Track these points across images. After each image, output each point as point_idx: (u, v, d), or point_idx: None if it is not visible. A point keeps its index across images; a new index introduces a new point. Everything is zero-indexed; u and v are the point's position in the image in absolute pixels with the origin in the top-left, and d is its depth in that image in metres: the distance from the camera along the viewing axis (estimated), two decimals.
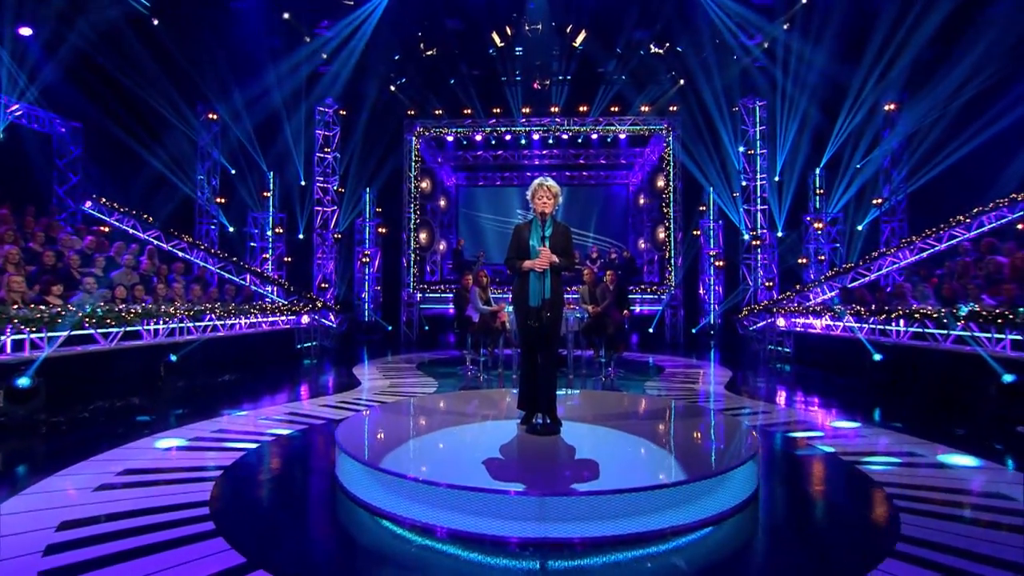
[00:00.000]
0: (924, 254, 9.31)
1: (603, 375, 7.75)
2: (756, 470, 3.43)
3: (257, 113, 12.19)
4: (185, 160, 11.52)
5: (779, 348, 9.77)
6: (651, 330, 12.95)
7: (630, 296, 9.98)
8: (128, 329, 6.23)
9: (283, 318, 9.75)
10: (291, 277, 12.67)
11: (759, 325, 10.67)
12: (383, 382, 7.63)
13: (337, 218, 13.20)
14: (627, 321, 8.67)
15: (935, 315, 6.33)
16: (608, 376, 7.72)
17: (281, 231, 12.67)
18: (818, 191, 12.06)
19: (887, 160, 11.27)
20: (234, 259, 10.68)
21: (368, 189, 13.80)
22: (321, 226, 12.97)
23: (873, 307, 7.33)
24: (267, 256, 12.58)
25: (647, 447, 3.79)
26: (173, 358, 6.63)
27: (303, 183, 13.19)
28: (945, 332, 6.30)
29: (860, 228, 11.94)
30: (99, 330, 5.94)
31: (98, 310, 5.87)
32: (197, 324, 7.36)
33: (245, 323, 8.46)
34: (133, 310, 6.30)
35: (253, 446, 4.46)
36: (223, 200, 12.18)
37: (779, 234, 12.52)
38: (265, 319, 9.15)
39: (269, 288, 10.95)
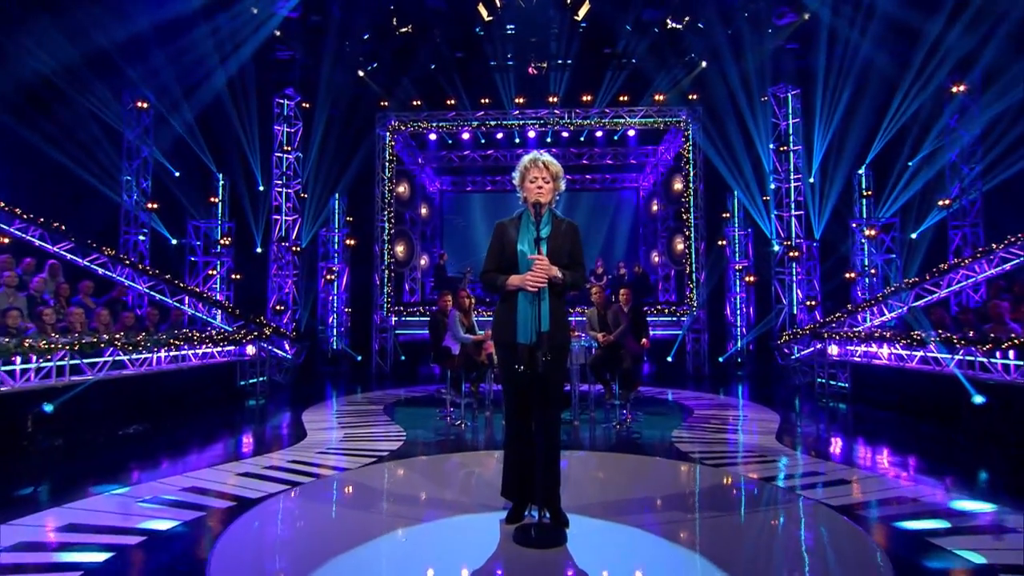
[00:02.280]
0: (1007, 265, 8.20)
1: (616, 420, 6.68)
2: None
3: (201, 103, 11.13)
4: (107, 158, 10.37)
5: (831, 382, 8.56)
6: (670, 359, 11.80)
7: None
8: None
9: (220, 349, 8.51)
10: (240, 298, 11.60)
11: (804, 353, 9.50)
12: (335, 433, 6.39)
13: (299, 228, 12.15)
14: (646, 352, 7.51)
15: None
16: (623, 422, 6.66)
17: (228, 243, 11.53)
18: (865, 193, 10.98)
19: (955, 152, 10.20)
20: (167, 276, 9.46)
21: (336, 195, 12.83)
22: (280, 238, 11.86)
23: (971, 334, 6.16)
24: (213, 273, 11.43)
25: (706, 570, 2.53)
26: (48, 408, 5.36)
27: (261, 188, 12.11)
28: None
29: (914, 236, 10.84)
30: None
31: None
32: (91, 361, 6.10)
33: (165, 357, 7.20)
34: None
35: (94, 558, 3.17)
36: (156, 206, 11.01)
37: (815, 243, 11.43)
38: (195, 351, 7.90)
39: (211, 312, 9.76)
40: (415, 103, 12.44)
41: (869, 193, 10.94)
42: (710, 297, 12.23)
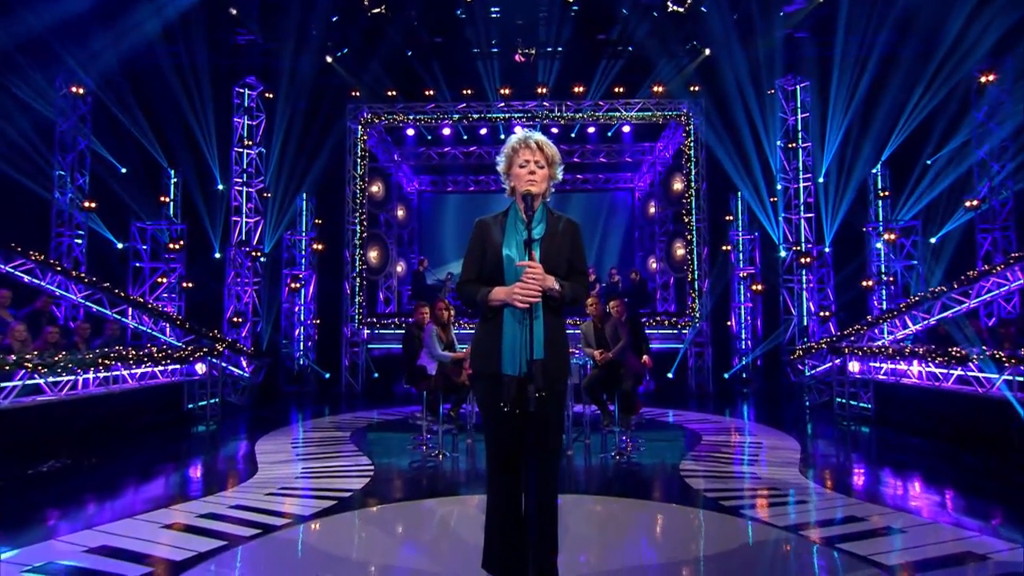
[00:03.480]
0: None
1: (615, 449, 6.20)
2: None
3: (150, 90, 10.55)
4: (36, 150, 9.69)
5: (851, 402, 8.11)
6: (670, 375, 11.30)
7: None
8: None
9: (163, 368, 7.87)
10: (192, 309, 11.04)
11: (820, 369, 9.05)
12: (291, 468, 5.77)
13: (261, 231, 11.61)
14: (647, 371, 7.01)
15: None
16: (623, 451, 6.19)
17: (180, 247, 10.91)
18: (881, 193, 10.61)
19: (983, 148, 9.86)
20: (107, 285, 8.79)
21: (303, 194, 12.32)
22: (239, 242, 11.26)
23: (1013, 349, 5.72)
24: (162, 280, 10.79)
25: None
26: None
27: (220, 186, 11.53)
28: None
29: (933, 240, 10.50)
30: None
31: None
32: None
33: (93, 379, 6.53)
34: None
35: None
36: (94, 205, 10.35)
37: (826, 249, 11.05)
38: (132, 371, 7.24)
39: (158, 325, 9.12)
40: (390, 93, 11.98)
41: (886, 194, 10.58)
42: (714, 308, 11.79)
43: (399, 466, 5.96)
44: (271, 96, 11.70)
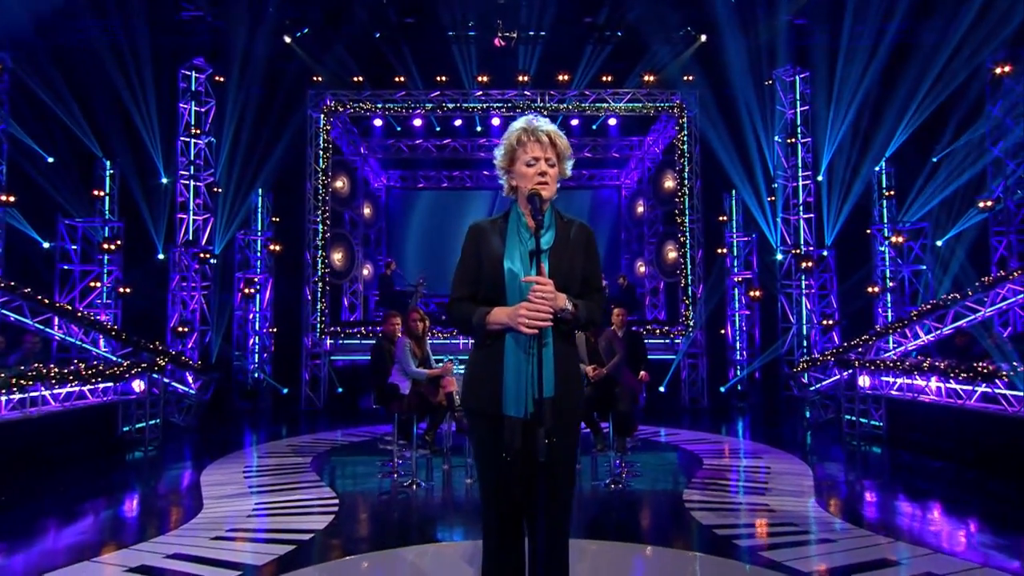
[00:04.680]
0: None
1: (609, 477, 5.94)
2: None
3: (82, 70, 10.03)
4: None
5: (862, 420, 7.96)
6: (662, 389, 11.08)
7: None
8: None
9: (92, 387, 7.36)
10: (131, 318, 10.59)
11: (826, 384, 8.89)
12: (243, 503, 5.35)
13: (211, 230, 11.19)
14: (645, 388, 6.76)
15: None
16: (618, 478, 5.92)
17: (116, 247, 10.40)
18: (886, 192, 10.54)
19: (998, 145, 9.82)
20: (27, 290, 8.20)
21: (259, 190, 11.99)
22: (186, 242, 10.83)
23: None
24: (95, 285, 10.29)
25: None
26: None
27: (163, 179, 11.07)
28: None
29: (939, 244, 10.47)
30: None
31: None
32: None
33: (5, 402, 5.99)
34: None
35: None
36: (13, 199, 9.79)
37: (825, 252, 10.98)
38: (53, 391, 6.71)
39: (90, 336, 8.59)
40: (356, 79, 11.66)
41: (891, 193, 10.51)
42: (708, 315, 11.63)
43: (368, 499, 5.60)
44: (221, 80, 11.29)
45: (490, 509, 2.25)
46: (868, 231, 10.87)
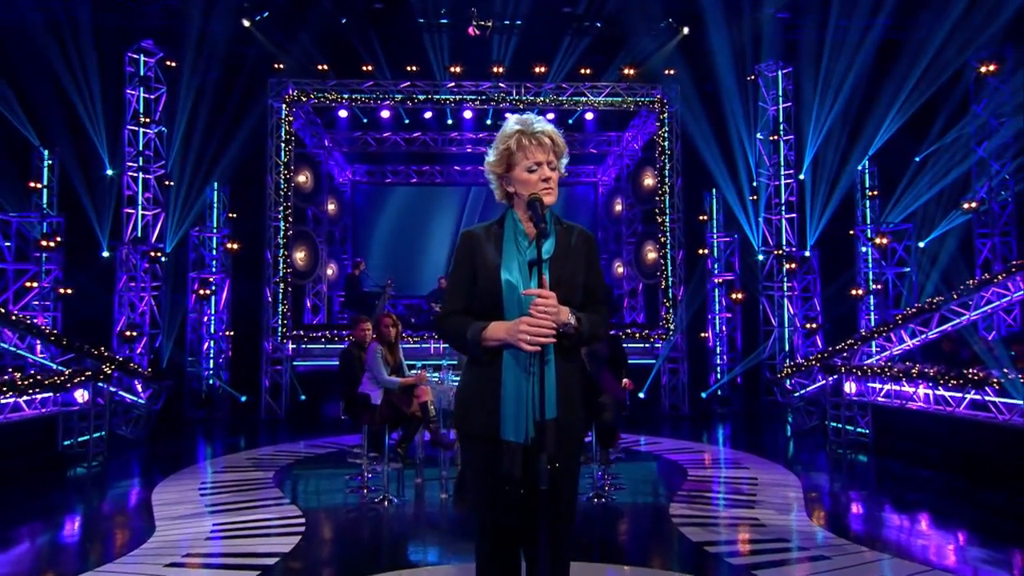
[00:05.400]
0: None
1: (592, 490, 5.90)
2: None
3: (15, 50, 9.63)
4: None
5: (847, 427, 8.07)
6: (642, 395, 11.12)
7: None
8: None
9: (29, 397, 7.06)
10: (73, 321, 10.24)
11: (811, 390, 9.00)
12: (199, 524, 5.15)
13: (162, 227, 10.97)
14: (629, 396, 6.75)
15: None
16: (601, 491, 5.89)
17: (56, 244, 10.04)
18: (869, 192, 10.74)
19: (982, 146, 10.06)
20: None
21: (214, 184, 11.73)
22: (135, 239, 10.57)
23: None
24: (31, 285, 9.93)
25: None
26: None
27: (108, 171, 10.74)
28: None
29: (922, 245, 10.70)
30: None
31: None
32: None
33: None
34: None
35: None
36: None
37: (807, 252, 11.15)
38: None
39: (25, 341, 8.26)
40: (320, 68, 11.47)
41: (874, 193, 10.71)
42: (690, 319, 11.71)
43: (337, 516, 5.50)
44: (173, 65, 11.00)
45: (486, 539, 2.15)
46: (851, 232, 11.05)
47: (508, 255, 2.14)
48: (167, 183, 10.98)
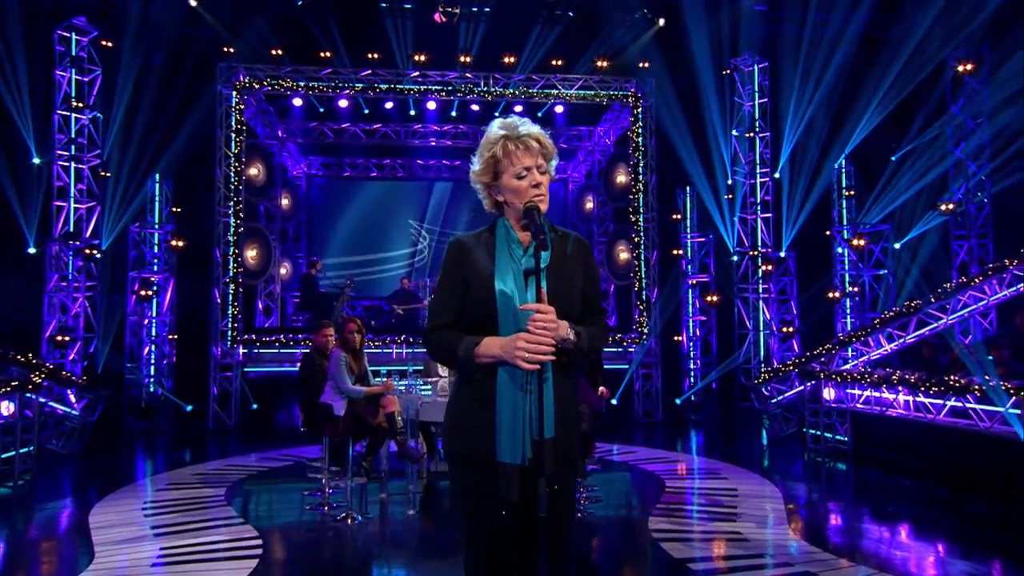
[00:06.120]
0: (1021, 286, 8.31)
1: None
2: None
3: None
4: None
5: (826, 435, 8.25)
6: (614, 401, 11.18)
7: None
8: None
9: None
10: None
11: (788, 396, 9.17)
12: (143, 549, 4.98)
13: (97, 221, 10.70)
14: (606, 403, 6.76)
15: None
16: (578, 505, 5.88)
17: None
18: (846, 192, 11.01)
19: (960, 146, 10.38)
20: None
21: (156, 176, 11.45)
22: (66, 234, 10.27)
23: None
24: None
25: None
26: None
27: (36, 160, 10.43)
28: None
29: (897, 246, 11.02)
30: None
31: None
32: None
33: None
34: None
35: None
36: None
37: (781, 253, 11.38)
38: None
39: None
40: (274, 52, 11.29)
41: (851, 193, 10.98)
42: (665, 322, 11.82)
43: (296, 536, 5.38)
44: (110, 45, 10.71)
45: (477, 570, 2.10)
46: (828, 233, 11.31)
47: (502, 264, 2.10)
48: (103, 174, 10.68)
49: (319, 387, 5.87)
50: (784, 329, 10.98)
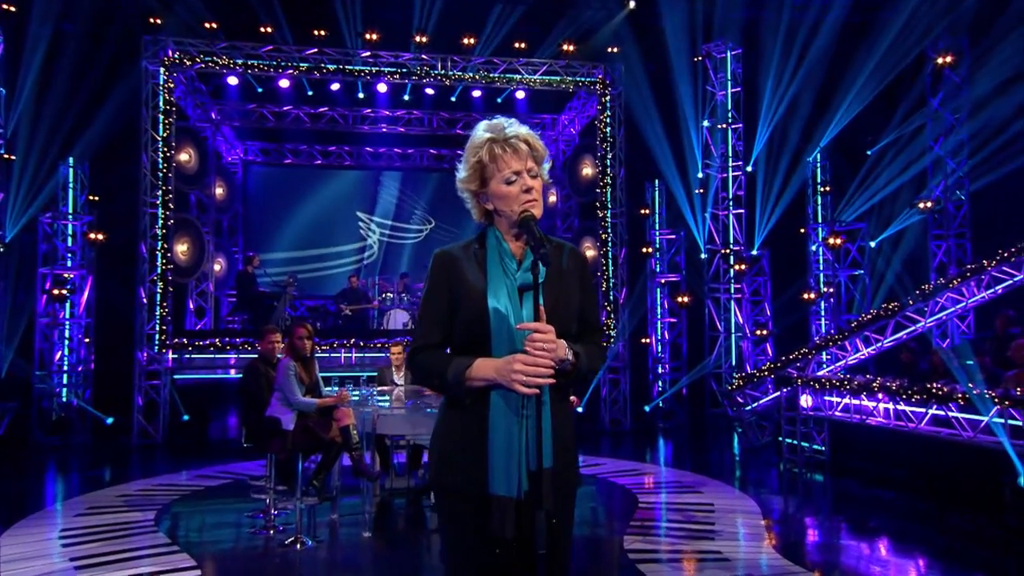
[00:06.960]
0: (999, 287, 8.65)
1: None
2: None
3: None
4: None
5: (803, 444, 8.46)
6: (580, 409, 11.26)
7: None
8: None
9: None
10: None
11: (763, 403, 9.36)
12: None
13: None
14: (574, 413, 6.79)
15: None
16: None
17: None
18: (821, 188, 11.30)
19: (939, 142, 10.74)
20: None
21: (71, 160, 11.21)
22: None
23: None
24: None
25: None
26: None
27: None
28: None
29: (873, 244, 11.38)
30: None
31: None
32: None
33: None
34: None
35: None
36: None
37: (754, 251, 11.66)
38: None
39: None
40: (208, 26, 11.09)
41: (826, 189, 11.27)
42: (634, 324, 11.96)
43: (238, 564, 5.30)
44: (12, 10, 10.50)
45: None
46: (802, 230, 11.59)
47: (494, 279, 2.05)
48: (6, 156, 10.50)
49: (265, 399, 5.76)
50: (757, 332, 11.22)
